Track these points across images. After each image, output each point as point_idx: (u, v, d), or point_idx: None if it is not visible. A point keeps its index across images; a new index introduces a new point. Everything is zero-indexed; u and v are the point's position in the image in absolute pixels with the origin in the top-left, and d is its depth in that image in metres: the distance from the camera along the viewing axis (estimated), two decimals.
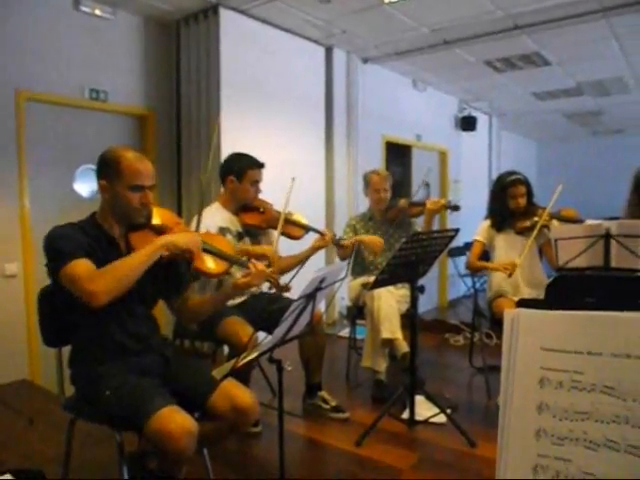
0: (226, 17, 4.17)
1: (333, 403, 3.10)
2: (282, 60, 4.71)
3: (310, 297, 1.61)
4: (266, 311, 2.76)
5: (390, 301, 3.24)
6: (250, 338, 2.44)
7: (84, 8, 3.87)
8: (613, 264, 2.67)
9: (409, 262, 2.61)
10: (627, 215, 3.16)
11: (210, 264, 1.87)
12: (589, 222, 2.77)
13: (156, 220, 1.90)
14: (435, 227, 3.70)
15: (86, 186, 4.06)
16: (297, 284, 1.84)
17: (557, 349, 0.57)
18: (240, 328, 2.60)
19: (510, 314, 0.60)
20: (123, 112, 4.24)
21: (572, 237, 2.69)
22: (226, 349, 3.45)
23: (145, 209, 1.82)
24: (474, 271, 3.56)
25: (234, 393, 1.79)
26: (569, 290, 0.56)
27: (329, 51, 5.17)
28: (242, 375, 2.63)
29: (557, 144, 10.78)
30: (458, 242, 6.16)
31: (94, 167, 1.81)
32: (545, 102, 7.48)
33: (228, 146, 4.17)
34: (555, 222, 3.18)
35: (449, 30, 4.76)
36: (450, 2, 4.15)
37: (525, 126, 9.44)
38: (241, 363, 1.51)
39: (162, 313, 2.71)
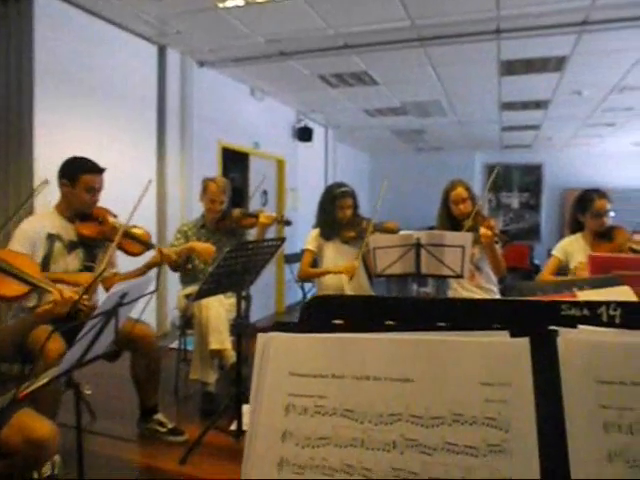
0: (42, 1, 3.77)
1: (170, 426, 2.94)
2: (109, 55, 4.40)
3: (110, 314, 1.48)
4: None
5: (219, 311, 3.19)
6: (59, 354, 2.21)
7: None
8: (423, 271, 2.92)
9: (235, 271, 2.58)
10: (437, 226, 3.48)
11: (4, 286, 1.63)
12: (403, 232, 3.00)
13: None
14: (272, 236, 3.73)
15: None
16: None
17: (304, 374, 0.56)
18: (50, 341, 2.34)
19: (262, 338, 0.59)
20: None
21: (388, 246, 2.89)
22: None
23: None
24: (306, 279, 3.66)
25: (28, 425, 1.58)
26: (324, 311, 0.57)
27: (162, 50, 4.96)
28: (49, 401, 2.37)
29: (387, 157, 11.61)
30: (295, 249, 6.33)
31: None
32: (375, 118, 8.00)
33: (43, 145, 3.77)
34: (379, 233, 3.39)
35: (284, 42, 4.85)
36: (284, 15, 4.22)
37: (358, 139, 10.03)
38: (24, 393, 1.33)
39: None
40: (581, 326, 0.54)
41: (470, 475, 0.50)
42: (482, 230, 3.04)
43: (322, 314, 0.60)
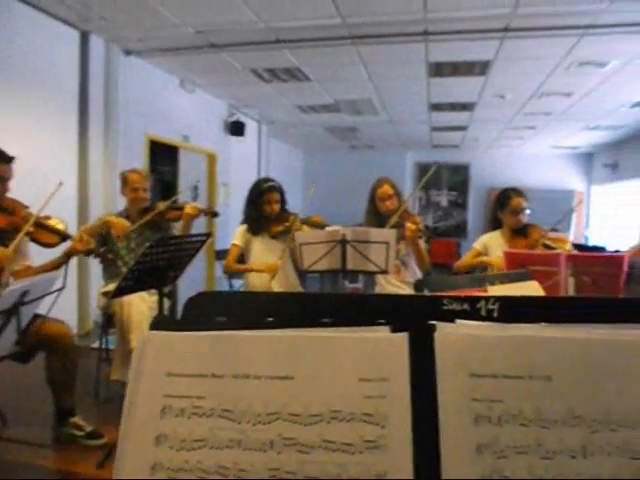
0: None
1: (88, 429, 2.80)
2: (26, 39, 4.13)
3: (10, 313, 1.39)
4: None
5: (141, 308, 3.09)
6: None
7: None
8: (349, 267, 2.94)
9: (156, 267, 2.50)
10: (365, 222, 3.53)
11: None
12: (329, 228, 3.02)
13: None
14: (202, 230, 3.66)
15: None
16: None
17: (183, 374, 0.54)
18: None
19: (141, 338, 0.56)
20: None
21: (314, 242, 2.89)
22: None
23: None
24: (231, 273, 3.63)
25: None
26: (207, 308, 0.55)
27: (85, 36, 4.72)
28: None
29: (321, 154, 11.68)
30: (226, 245, 6.22)
31: None
32: (308, 115, 8.01)
33: None
34: (306, 227, 3.40)
35: (214, 34, 4.75)
36: (214, 5, 4.13)
37: (292, 135, 10.01)
38: None
39: None
40: (459, 320, 0.55)
41: (344, 472, 0.50)
42: (407, 225, 3.12)
43: (205, 311, 0.58)
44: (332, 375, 0.53)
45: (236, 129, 7.40)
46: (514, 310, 0.57)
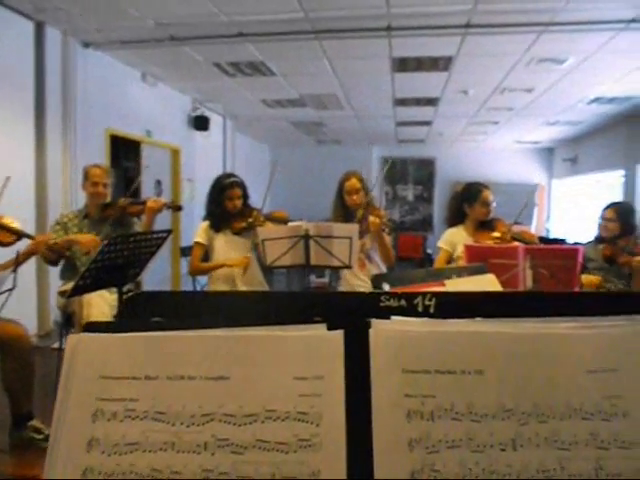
0: None
1: (47, 431, 2.72)
2: None
3: None
4: None
5: (102, 308, 3.01)
6: None
7: None
8: (313, 262, 2.94)
9: (115, 265, 2.45)
10: (332, 216, 3.53)
11: None
12: (292, 224, 3.01)
13: None
14: (168, 225, 3.61)
15: None
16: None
17: (116, 376, 0.53)
18: None
19: (72, 339, 0.55)
20: None
21: (277, 237, 2.88)
22: None
23: None
24: (200, 274, 3.59)
25: None
26: (145, 309, 0.54)
27: (40, 27, 4.57)
28: None
29: (288, 149, 11.63)
30: (191, 241, 6.15)
31: None
32: (274, 109, 7.96)
33: None
34: (269, 222, 3.38)
35: (176, 26, 4.67)
36: None
37: (258, 130, 9.93)
38: None
39: None
40: (394, 317, 0.55)
41: (279, 471, 0.50)
42: (371, 218, 3.13)
43: (143, 312, 0.57)
44: (267, 374, 0.53)
45: (200, 124, 7.31)
46: (450, 306, 0.58)
